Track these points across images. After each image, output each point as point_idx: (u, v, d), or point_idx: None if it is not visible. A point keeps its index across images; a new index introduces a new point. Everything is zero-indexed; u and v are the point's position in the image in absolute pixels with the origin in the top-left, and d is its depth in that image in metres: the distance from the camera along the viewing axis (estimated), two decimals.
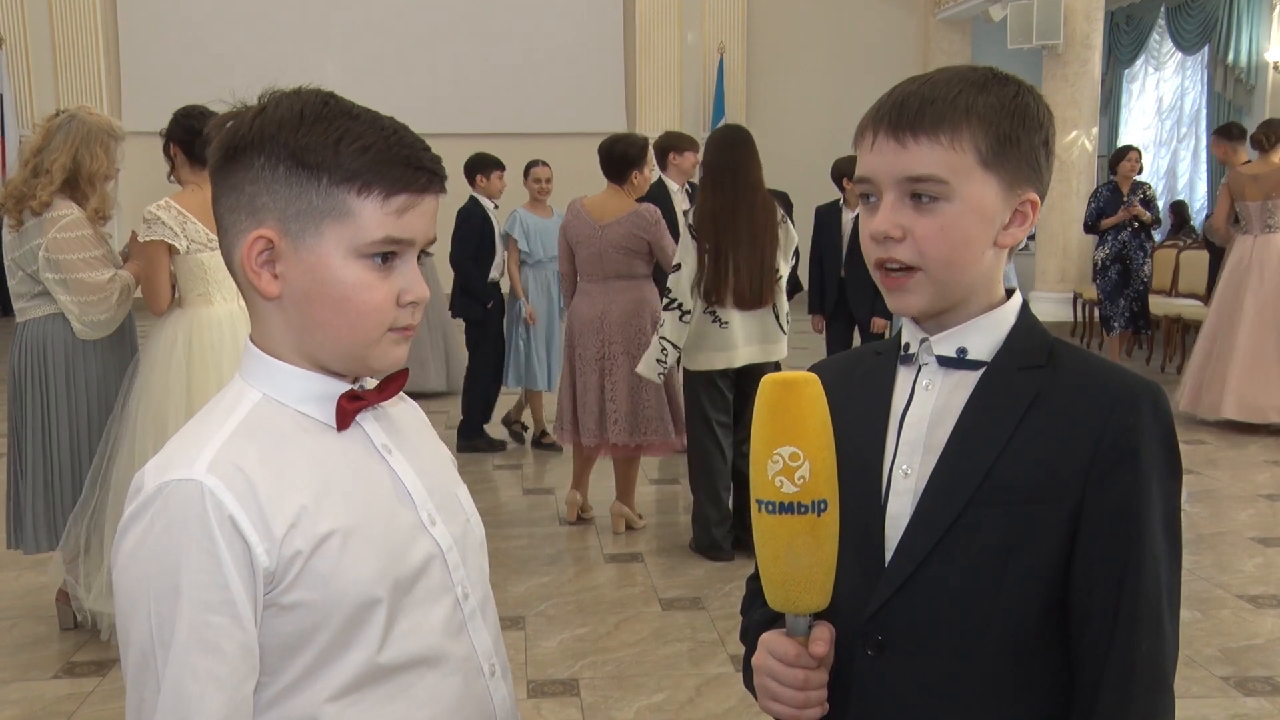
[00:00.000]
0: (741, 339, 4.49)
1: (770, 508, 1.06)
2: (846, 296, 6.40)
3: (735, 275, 4.42)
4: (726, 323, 4.46)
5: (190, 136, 3.68)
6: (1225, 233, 6.96)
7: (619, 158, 4.88)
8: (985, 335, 1.16)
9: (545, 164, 6.52)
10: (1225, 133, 7.52)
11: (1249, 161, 7.01)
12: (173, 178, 3.79)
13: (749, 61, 13.57)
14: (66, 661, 3.69)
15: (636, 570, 4.56)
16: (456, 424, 6.64)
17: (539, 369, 6.40)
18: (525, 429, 6.74)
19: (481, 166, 6.45)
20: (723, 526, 4.63)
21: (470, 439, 6.49)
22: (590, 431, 4.85)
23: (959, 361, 1.16)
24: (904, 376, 1.20)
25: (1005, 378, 1.14)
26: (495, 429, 6.69)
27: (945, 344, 1.17)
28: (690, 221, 4.48)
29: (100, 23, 12.77)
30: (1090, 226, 8.43)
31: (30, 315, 3.75)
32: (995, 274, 1.17)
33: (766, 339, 4.53)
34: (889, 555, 1.14)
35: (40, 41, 12.64)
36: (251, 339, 1.16)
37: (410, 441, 1.22)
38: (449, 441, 6.44)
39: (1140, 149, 8.95)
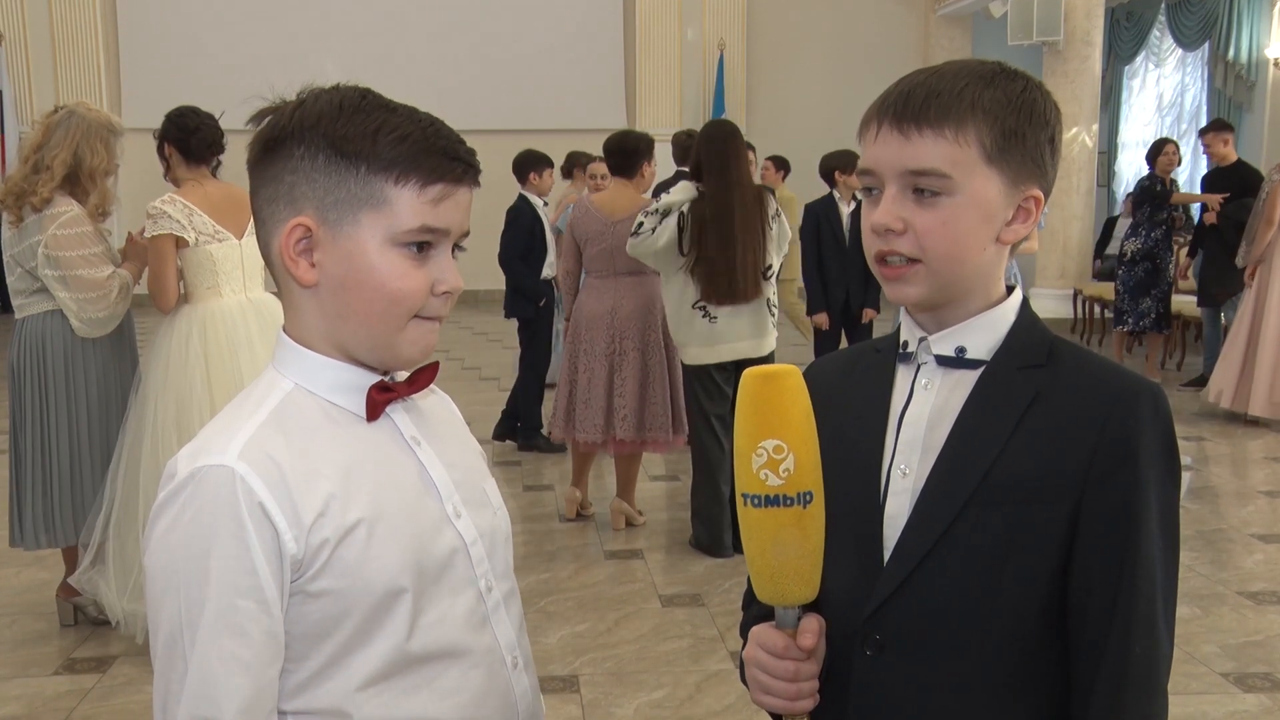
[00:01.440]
0: (731, 333, 4.50)
1: (756, 501, 1.06)
2: (849, 291, 6.43)
3: (724, 275, 4.41)
4: (715, 318, 4.47)
5: (185, 135, 3.68)
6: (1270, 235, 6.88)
7: (630, 151, 4.88)
8: (984, 334, 1.16)
9: (602, 159, 6.52)
10: (1224, 125, 7.65)
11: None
12: (168, 178, 3.79)
13: (749, 58, 13.54)
14: (66, 658, 3.69)
15: (636, 567, 4.56)
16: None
17: None
18: None
19: (534, 164, 6.36)
20: (723, 522, 4.63)
21: (530, 440, 6.40)
22: (596, 428, 4.82)
23: (958, 361, 1.16)
24: (903, 375, 1.19)
25: (1005, 377, 1.14)
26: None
27: (944, 343, 1.16)
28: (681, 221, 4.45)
29: (100, 19, 12.75)
30: (1164, 197, 8.24)
31: (29, 311, 3.74)
32: (996, 270, 1.16)
33: (758, 333, 4.53)
34: (887, 555, 1.13)
35: (40, 38, 12.62)
36: (285, 329, 1.18)
37: (439, 434, 1.23)
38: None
39: (1176, 142, 8.85)
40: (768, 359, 4.53)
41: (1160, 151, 8.28)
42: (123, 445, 3.65)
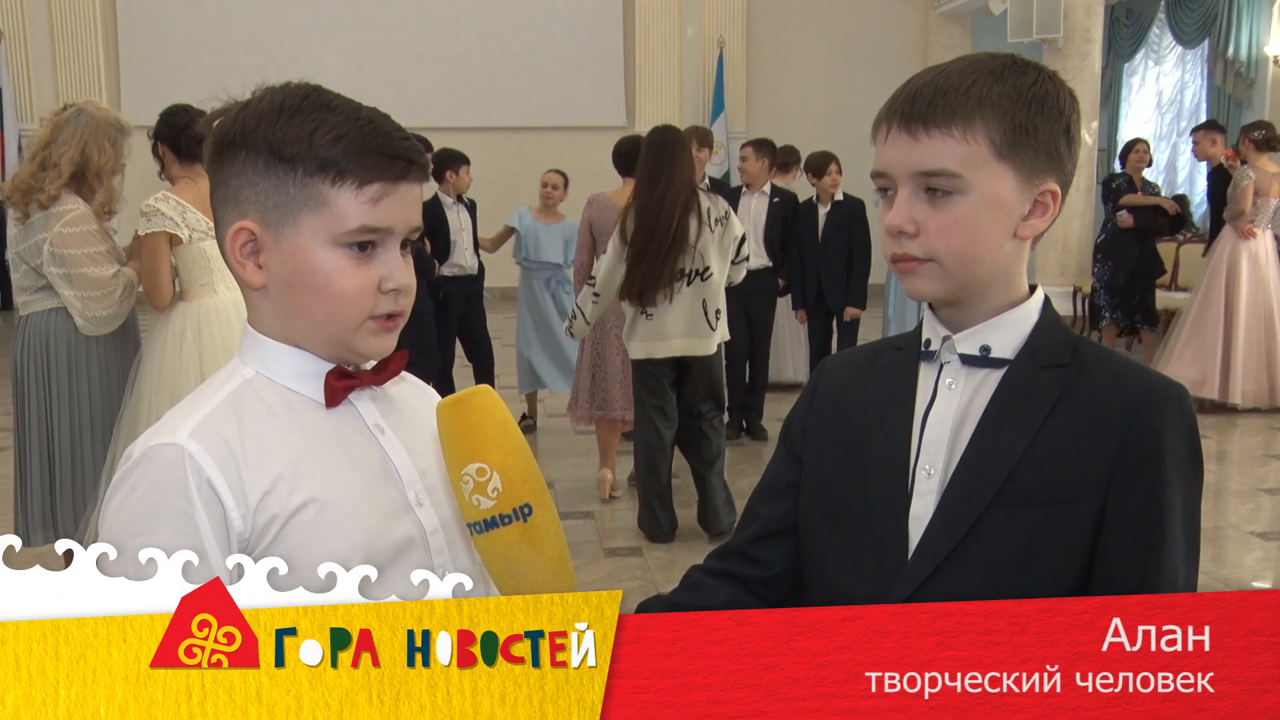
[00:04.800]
0: (668, 330, 4.61)
1: (478, 529, 1.07)
2: (823, 289, 6.61)
3: (651, 271, 4.51)
4: (652, 314, 4.59)
5: (175, 133, 3.69)
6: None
7: (637, 155, 5.12)
8: (1008, 333, 1.15)
9: (557, 171, 6.71)
10: (1215, 127, 7.78)
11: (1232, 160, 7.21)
12: (163, 177, 3.81)
13: (749, 55, 13.53)
14: None
15: (634, 564, 4.57)
16: None
17: (550, 371, 6.45)
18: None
19: (450, 162, 6.41)
20: (659, 504, 4.78)
21: None
22: (619, 403, 5.16)
23: (982, 360, 1.15)
24: (926, 374, 1.18)
25: (1028, 376, 1.13)
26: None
27: (968, 342, 1.16)
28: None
29: (99, 17, 12.74)
30: (1115, 209, 8.37)
31: (33, 309, 3.75)
32: (1016, 266, 1.16)
33: (694, 333, 4.63)
34: (911, 555, 1.13)
35: (39, 35, 12.60)
36: (249, 322, 1.20)
37: (407, 422, 1.23)
38: None
39: (1148, 141, 8.94)
40: (712, 359, 4.68)
41: (1132, 150, 8.38)
42: (117, 442, 3.66)
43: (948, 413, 1.15)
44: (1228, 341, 6.99)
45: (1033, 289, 1.18)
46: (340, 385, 1.17)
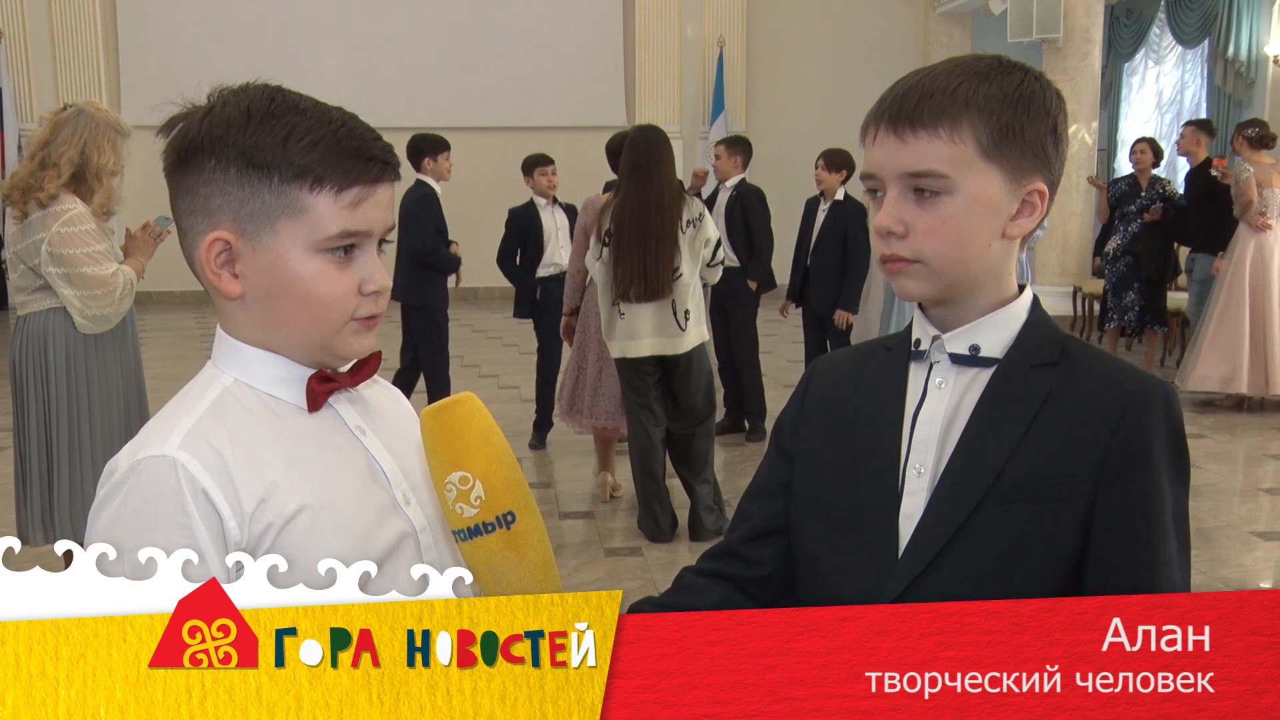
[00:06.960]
0: (639, 330, 4.62)
1: (463, 536, 1.07)
2: (810, 289, 6.50)
3: (627, 269, 4.53)
4: (624, 314, 4.61)
5: None
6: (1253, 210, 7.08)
7: None
8: (997, 332, 1.16)
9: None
10: (1206, 127, 7.80)
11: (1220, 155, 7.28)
12: None
13: (749, 55, 13.54)
14: None
15: (634, 564, 4.57)
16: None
17: None
18: None
19: (536, 164, 6.31)
20: (656, 504, 4.79)
21: (543, 433, 6.36)
22: (609, 414, 5.13)
23: (972, 359, 1.16)
24: (916, 373, 1.19)
25: (1017, 376, 1.14)
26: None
27: (958, 341, 1.16)
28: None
29: (99, 16, 12.74)
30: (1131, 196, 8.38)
31: (31, 309, 3.75)
32: (1005, 266, 1.16)
33: (664, 332, 4.64)
34: (901, 553, 1.14)
35: (39, 35, 12.61)
36: (222, 328, 1.18)
37: (385, 423, 1.23)
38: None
39: (1147, 139, 8.94)
40: (693, 359, 4.67)
41: (1132, 151, 8.41)
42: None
43: (937, 412, 1.16)
44: (1257, 335, 6.98)
45: (1021, 289, 1.19)
46: (321, 389, 1.16)
